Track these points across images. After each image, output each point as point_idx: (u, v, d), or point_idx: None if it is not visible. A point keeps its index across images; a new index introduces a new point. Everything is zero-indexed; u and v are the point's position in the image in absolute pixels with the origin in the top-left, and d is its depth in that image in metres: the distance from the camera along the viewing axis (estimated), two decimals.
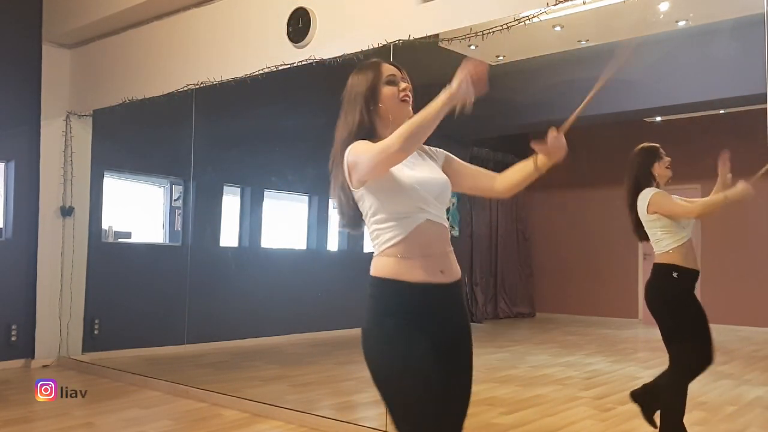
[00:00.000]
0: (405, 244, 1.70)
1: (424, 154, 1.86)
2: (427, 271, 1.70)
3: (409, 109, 1.78)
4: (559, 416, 3.94)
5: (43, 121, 5.54)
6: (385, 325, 1.68)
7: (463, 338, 1.78)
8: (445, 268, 1.73)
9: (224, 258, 6.85)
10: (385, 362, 1.67)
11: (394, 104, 1.77)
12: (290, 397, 4.37)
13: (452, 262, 1.77)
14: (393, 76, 1.79)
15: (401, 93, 1.77)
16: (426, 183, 1.74)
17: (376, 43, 3.67)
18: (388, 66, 1.81)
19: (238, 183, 6.97)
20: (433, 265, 1.71)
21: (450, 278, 1.74)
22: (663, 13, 4.87)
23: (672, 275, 3.14)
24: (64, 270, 5.51)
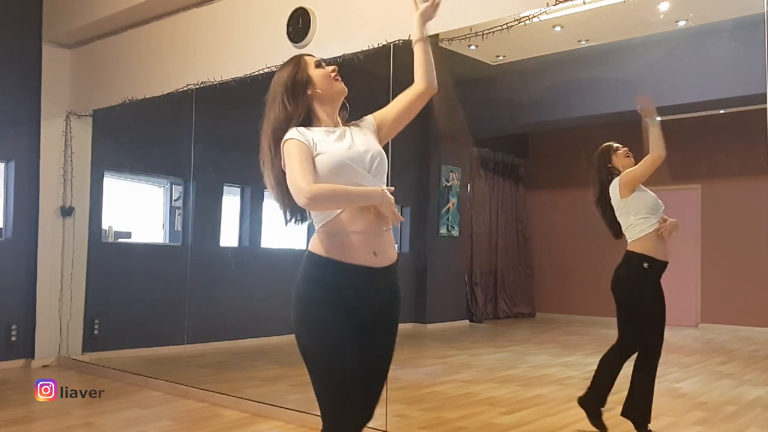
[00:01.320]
0: (337, 221, 1.76)
1: (356, 127, 1.94)
2: (358, 253, 1.75)
3: (342, 86, 1.93)
4: (559, 416, 3.93)
5: (43, 121, 5.54)
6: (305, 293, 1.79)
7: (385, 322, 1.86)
8: (378, 249, 1.78)
9: (224, 258, 6.84)
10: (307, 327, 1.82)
11: (327, 83, 1.91)
12: (290, 397, 4.36)
13: (387, 243, 1.81)
14: (318, 62, 1.95)
15: (332, 73, 1.93)
16: (358, 157, 1.79)
17: (376, 43, 3.67)
18: (309, 56, 1.97)
19: (238, 183, 6.97)
20: (364, 246, 1.76)
21: (382, 262, 1.79)
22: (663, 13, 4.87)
23: (643, 265, 3.22)
24: (64, 270, 5.51)
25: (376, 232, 1.77)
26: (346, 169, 1.75)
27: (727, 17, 4.91)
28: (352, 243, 1.75)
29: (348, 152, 1.79)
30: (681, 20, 5.15)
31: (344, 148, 1.80)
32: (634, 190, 3.25)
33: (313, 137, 1.79)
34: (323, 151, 1.77)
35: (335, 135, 1.84)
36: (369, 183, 1.77)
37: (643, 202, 3.24)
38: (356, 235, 1.75)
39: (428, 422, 3.74)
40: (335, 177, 1.74)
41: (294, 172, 1.72)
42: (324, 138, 1.81)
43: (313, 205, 1.72)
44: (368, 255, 1.76)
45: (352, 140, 1.84)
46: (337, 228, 1.76)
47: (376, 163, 1.82)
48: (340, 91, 1.93)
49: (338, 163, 1.75)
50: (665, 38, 5.52)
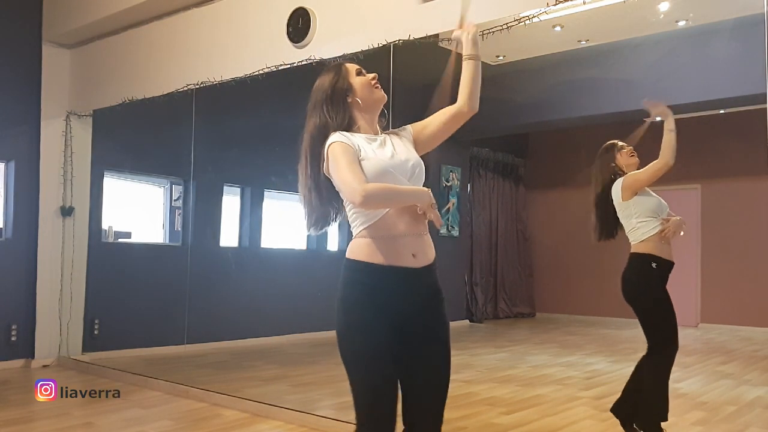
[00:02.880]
0: (377, 225, 1.79)
1: (395, 136, 1.95)
2: (397, 254, 1.78)
3: (382, 93, 1.95)
4: (559, 416, 3.93)
5: (43, 121, 5.53)
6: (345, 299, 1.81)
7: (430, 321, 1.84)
8: (417, 251, 1.81)
9: (224, 258, 6.84)
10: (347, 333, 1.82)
11: (368, 91, 1.93)
12: (290, 397, 4.37)
13: (426, 245, 1.85)
14: (360, 69, 1.96)
15: (372, 80, 1.94)
16: (400, 166, 1.83)
17: (376, 43, 3.67)
18: (351, 64, 1.98)
19: (238, 183, 6.97)
20: (405, 249, 1.79)
21: (421, 263, 1.82)
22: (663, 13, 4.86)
23: (651, 265, 3.16)
24: (64, 270, 5.51)
25: (416, 234, 1.81)
26: (388, 177, 1.78)
27: (727, 17, 4.91)
28: (395, 246, 1.79)
29: (391, 160, 1.82)
30: (681, 20, 5.15)
31: (387, 155, 1.83)
32: (636, 193, 3.22)
33: (356, 142, 1.82)
34: (367, 157, 1.80)
35: (377, 143, 1.87)
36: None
37: (646, 206, 3.20)
38: (400, 238, 1.79)
39: None
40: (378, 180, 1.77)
41: (344, 174, 1.73)
42: (366, 145, 1.83)
43: (367, 204, 1.72)
44: (409, 257, 1.80)
45: (394, 148, 1.87)
46: (381, 231, 1.79)
47: (416, 171, 1.86)
48: (380, 98, 1.95)
49: (382, 169, 1.79)
50: (665, 38, 5.52)
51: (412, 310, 1.81)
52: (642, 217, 3.19)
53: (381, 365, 1.77)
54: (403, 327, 1.80)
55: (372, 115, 1.95)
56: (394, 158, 1.84)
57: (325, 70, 1.97)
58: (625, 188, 3.23)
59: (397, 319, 1.79)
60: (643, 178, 3.20)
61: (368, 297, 1.78)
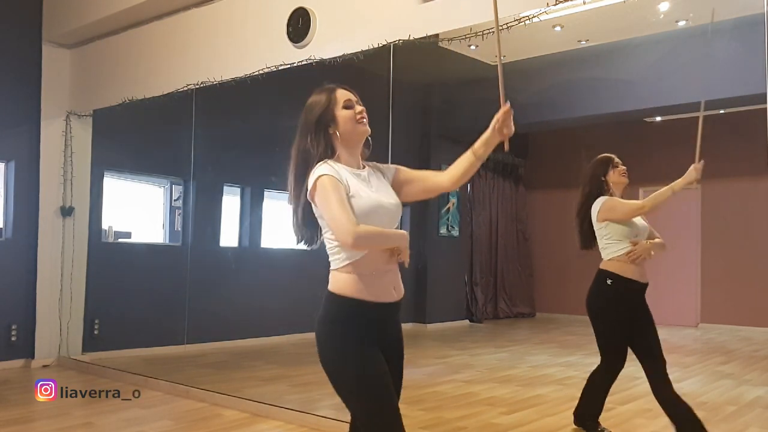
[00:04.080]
0: (362, 263, 1.82)
1: (380, 172, 1.97)
2: (382, 290, 1.85)
3: (365, 128, 1.92)
4: (559, 416, 3.93)
5: (43, 121, 5.54)
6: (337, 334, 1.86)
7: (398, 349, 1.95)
8: (396, 285, 1.89)
9: (224, 258, 6.84)
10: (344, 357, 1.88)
11: (351, 125, 1.90)
12: (290, 397, 4.37)
13: (399, 278, 1.92)
14: (349, 101, 1.92)
15: (357, 115, 1.90)
16: (383, 207, 1.86)
17: (376, 43, 3.67)
18: (342, 92, 1.94)
19: (238, 183, 6.97)
20: (387, 284, 1.86)
21: (399, 296, 1.90)
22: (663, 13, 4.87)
23: (606, 281, 3.26)
24: (64, 270, 5.51)
25: (394, 270, 1.88)
26: (376, 216, 1.81)
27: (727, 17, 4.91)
28: (381, 282, 1.84)
29: (374, 202, 1.84)
30: (681, 20, 5.15)
31: (374, 194, 1.86)
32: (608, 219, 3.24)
33: (344, 176, 1.83)
34: (357, 194, 1.81)
35: (361, 178, 1.88)
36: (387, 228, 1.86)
37: (617, 229, 3.24)
38: (383, 274, 1.84)
39: (428, 422, 3.74)
40: (364, 220, 1.78)
41: (336, 211, 1.75)
42: (354, 180, 1.84)
43: (357, 246, 1.76)
44: (391, 292, 1.87)
45: (377, 187, 1.90)
46: (366, 268, 1.82)
47: (394, 215, 1.90)
48: (362, 133, 1.93)
49: (371, 209, 1.81)
50: (665, 38, 5.52)
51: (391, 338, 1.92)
52: (611, 239, 3.25)
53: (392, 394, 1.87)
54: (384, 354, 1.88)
55: (353, 149, 1.93)
56: (379, 198, 1.86)
57: (318, 91, 1.96)
58: (602, 211, 3.27)
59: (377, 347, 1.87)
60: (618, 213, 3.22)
61: (365, 331, 1.83)
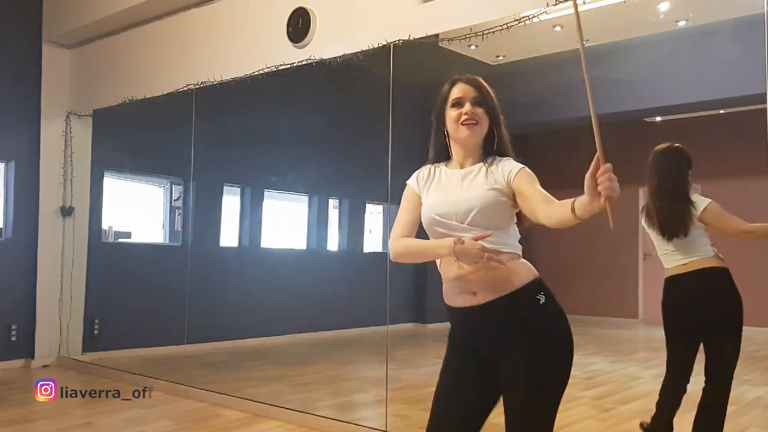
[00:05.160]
0: (441, 269, 1.82)
1: (486, 167, 1.81)
2: (459, 295, 1.77)
3: (467, 132, 1.79)
4: (559, 416, 3.92)
5: (43, 121, 5.53)
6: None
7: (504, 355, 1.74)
8: (477, 289, 1.74)
9: (224, 258, 6.84)
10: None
11: (453, 127, 1.82)
12: (290, 397, 4.37)
13: (491, 280, 1.72)
14: (458, 99, 1.82)
15: (462, 116, 1.80)
16: (445, 208, 1.78)
17: (376, 43, 3.67)
18: (458, 87, 1.84)
19: (238, 183, 6.97)
20: (465, 288, 1.76)
21: (483, 299, 1.73)
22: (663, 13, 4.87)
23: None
24: (64, 270, 5.50)
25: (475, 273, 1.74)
26: (435, 223, 1.79)
27: (727, 17, 4.91)
28: (450, 288, 1.81)
29: (440, 205, 1.79)
30: (681, 20, 5.15)
31: (439, 200, 1.80)
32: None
33: (427, 183, 1.86)
34: (425, 201, 1.84)
35: (450, 178, 1.84)
36: (461, 234, 1.73)
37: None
38: (452, 281, 1.79)
39: None
40: (428, 227, 1.81)
41: (395, 220, 1.85)
42: (436, 183, 1.85)
43: (397, 259, 1.83)
44: (467, 297, 1.77)
45: (462, 187, 1.80)
46: (442, 274, 1.83)
47: (472, 214, 1.74)
48: (465, 138, 1.81)
49: (428, 218, 1.81)
50: (665, 38, 5.52)
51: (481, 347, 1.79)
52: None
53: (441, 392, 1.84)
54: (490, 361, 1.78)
55: (464, 150, 1.84)
56: (447, 200, 1.79)
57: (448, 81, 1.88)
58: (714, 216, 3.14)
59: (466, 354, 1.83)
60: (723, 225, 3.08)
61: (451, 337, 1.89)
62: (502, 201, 1.76)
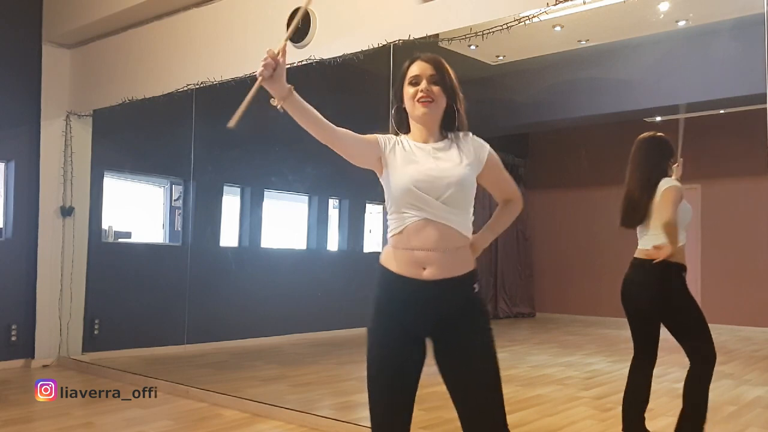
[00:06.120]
0: (399, 237, 1.80)
1: (454, 143, 1.86)
2: (410, 266, 1.77)
3: (422, 110, 1.82)
4: (559, 416, 3.94)
5: (43, 121, 5.53)
6: (372, 308, 1.83)
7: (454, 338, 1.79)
8: (430, 265, 1.76)
9: (224, 258, 6.84)
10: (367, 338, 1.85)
11: (410, 105, 1.85)
12: (290, 397, 4.37)
13: (444, 260, 1.77)
14: (416, 76, 1.84)
15: (418, 94, 1.82)
16: (427, 182, 1.77)
17: (376, 43, 3.67)
18: (416, 65, 1.87)
19: (238, 183, 6.97)
20: (419, 262, 1.77)
21: (435, 276, 1.76)
22: (663, 13, 4.87)
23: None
24: (64, 270, 5.51)
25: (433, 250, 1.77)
26: (410, 195, 1.77)
27: (727, 17, 4.91)
28: (400, 256, 1.79)
29: (417, 178, 1.77)
30: (681, 20, 5.15)
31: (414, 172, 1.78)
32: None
33: (393, 150, 1.84)
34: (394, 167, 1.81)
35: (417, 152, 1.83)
36: (435, 209, 1.76)
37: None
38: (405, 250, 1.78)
39: (428, 422, 3.73)
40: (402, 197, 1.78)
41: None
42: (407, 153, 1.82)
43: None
44: (418, 270, 1.77)
45: (435, 160, 1.81)
46: (394, 243, 1.81)
47: (450, 191, 1.77)
48: (420, 116, 1.84)
49: (403, 188, 1.78)
50: (665, 38, 5.51)
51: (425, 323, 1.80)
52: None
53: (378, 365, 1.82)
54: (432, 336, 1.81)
55: (422, 126, 1.86)
56: (426, 175, 1.77)
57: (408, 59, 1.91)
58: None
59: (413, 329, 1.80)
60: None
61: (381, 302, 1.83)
62: (473, 179, 1.85)
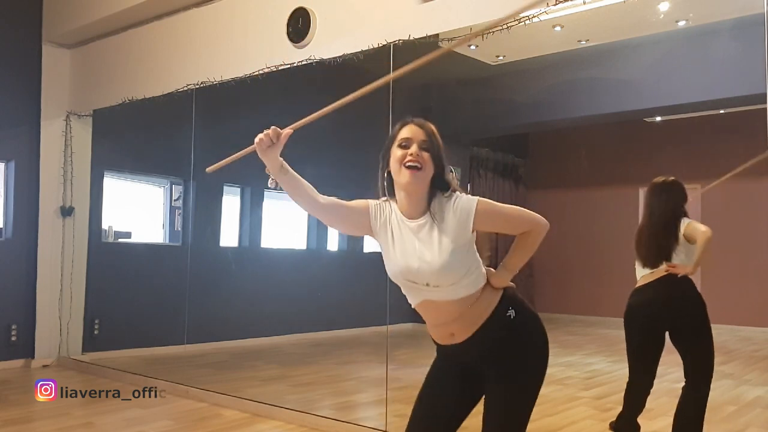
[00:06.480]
0: (417, 309, 1.85)
1: (435, 219, 1.73)
2: (442, 337, 1.83)
3: (408, 177, 1.70)
4: (559, 416, 3.93)
5: (43, 121, 5.53)
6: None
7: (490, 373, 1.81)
8: (455, 331, 1.78)
9: (224, 258, 6.84)
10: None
11: (395, 168, 1.74)
12: (290, 397, 4.37)
13: (463, 323, 1.76)
14: (407, 139, 1.74)
15: (408, 156, 1.71)
16: (413, 273, 1.74)
17: (376, 43, 3.67)
18: (409, 128, 1.77)
19: (238, 183, 6.97)
20: (446, 332, 1.81)
21: (462, 338, 1.78)
22: (663, 13, 4.87)
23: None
24: (64, 270, 5.51)
25: (448, 321, 1.78)
26: (400, 281, 1.80)
27: (727, 17, 4.91)
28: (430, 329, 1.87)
29: (402, 264, 1.75)
30: (681, 20, 5.15)
31: (399, 259, 1.75)
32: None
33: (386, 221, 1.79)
34: (385, 247, 1.79)
35: (404, 230, 1.76)
36: (430, 292, 1.76)
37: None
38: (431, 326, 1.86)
39: None
40: (395, 280, 1.81)
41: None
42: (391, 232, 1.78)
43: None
44: (446, 337, 1.82)
45: (419, 244, 1.72)
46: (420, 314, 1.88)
47: (434, 279, 1.72)
48: (405, 184, 1.71)
49: (396, 275, 1.79)
50: (665, 38, 5.51)
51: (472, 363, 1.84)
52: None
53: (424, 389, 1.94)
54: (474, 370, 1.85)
55: (406, 194, 1.74)
56: (411, 264, 1.72)
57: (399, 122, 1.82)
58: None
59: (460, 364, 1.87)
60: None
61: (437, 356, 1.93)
62: (459, 253, 1.73)
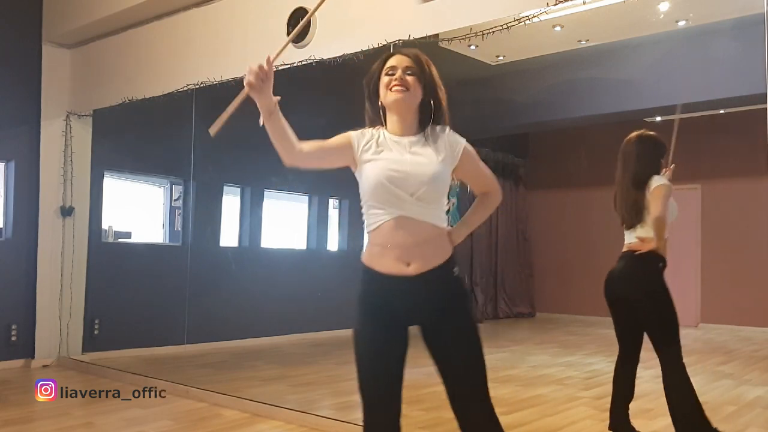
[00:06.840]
0: (376, 233, 1.81)
1: (430, 138, 1.84)
2: (395, 265, 1.78)
3: (394, 96, 1.82)
4: (559, 416, 3.94)
5: (43, 121, 5.53)
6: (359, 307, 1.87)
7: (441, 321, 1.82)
8: (413, 260, 1.77)
9: (224, 258, 6.84)
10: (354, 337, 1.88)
11: (383, 92, 1.85)
12: (290, 397, 4.37)
13: (425, 253, 1.78)
14: (392, 67, 1.85)
15: (392, 82, 1.82)
16: (401, 179, 1.77)
17: (376, 43, 3.67)
18: (395, 57, 1.88)
19: (238, 183, 6.97)
20: (402, 258, 1.78)
21: (419, 270, 1.78)
22: (663, 13, 4.87)
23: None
24: (64, 270, 5.50)
25: (412, 244, 1.78)
26: (384, 189, 1.77)
27: (727, 17, 4.92)
28: (382, 253, 1.80)
29: (391, 173, 1.77)
30: (681, 20, 5.16)
31: (389, 166, 1.78)
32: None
33: (369, 145, 1.84)
34: (369, 160, 1.82)
35: (393, 145, 1.82)
36: (410, 206, 1.77)
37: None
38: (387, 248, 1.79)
39: (428, 422, 3.74)
40: (374, 191, 1.79)
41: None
42: (380, 146, 1.83)
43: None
44: (401, 266, 1.78)
45: (411, 155, 1.80)
46: (373, 239, 1.83)
47: (423, 189, 1.76)
48: (392, 102, 1.83)
49: (377, 182, 1.79)
50: (665, 38, 5.52)
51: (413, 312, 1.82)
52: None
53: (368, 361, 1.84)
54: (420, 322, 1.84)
55: (397, 116, 1.85)
56: (400, 171, 1.77)
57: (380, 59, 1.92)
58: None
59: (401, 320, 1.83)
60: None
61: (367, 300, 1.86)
62: (448, 174, 1.83)
